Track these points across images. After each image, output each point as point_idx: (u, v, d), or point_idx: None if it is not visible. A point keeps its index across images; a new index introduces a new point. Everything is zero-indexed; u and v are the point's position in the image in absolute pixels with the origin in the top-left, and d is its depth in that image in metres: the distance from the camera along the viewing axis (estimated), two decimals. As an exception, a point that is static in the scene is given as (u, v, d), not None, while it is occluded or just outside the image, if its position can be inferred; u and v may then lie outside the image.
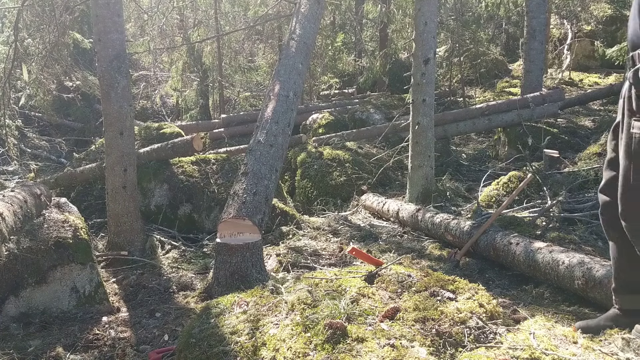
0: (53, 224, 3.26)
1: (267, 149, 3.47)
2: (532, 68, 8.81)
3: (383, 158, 7.16)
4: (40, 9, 7.16)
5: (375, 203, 5.66)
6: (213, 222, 5.03)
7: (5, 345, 2.64)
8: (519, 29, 13.35)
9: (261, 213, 3.17)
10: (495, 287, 3.44)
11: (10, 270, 2.94)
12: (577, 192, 4.99)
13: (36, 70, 7.38)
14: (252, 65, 14.47)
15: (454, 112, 8.27)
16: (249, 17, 11.88)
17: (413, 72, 5.52)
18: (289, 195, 6.27)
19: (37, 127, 11.10)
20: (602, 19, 13.36)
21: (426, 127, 5.47)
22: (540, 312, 2.75)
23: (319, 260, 3.99)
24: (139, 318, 3.11)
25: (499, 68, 12.91)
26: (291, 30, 4.32)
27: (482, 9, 12.49)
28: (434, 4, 5.36)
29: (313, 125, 9.05)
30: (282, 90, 3.78)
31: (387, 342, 1.76)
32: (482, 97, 11.40)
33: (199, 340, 2.03)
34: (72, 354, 2.61)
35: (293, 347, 1.82)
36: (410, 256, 4.06)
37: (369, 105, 9.59)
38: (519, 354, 1.68)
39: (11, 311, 2.96)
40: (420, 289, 2.16)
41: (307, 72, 8.41)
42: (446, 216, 4.48)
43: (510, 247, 3.54)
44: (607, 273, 2.75)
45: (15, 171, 8.67)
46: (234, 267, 3.02)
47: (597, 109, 9.49)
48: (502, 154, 7.72)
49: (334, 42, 12.03)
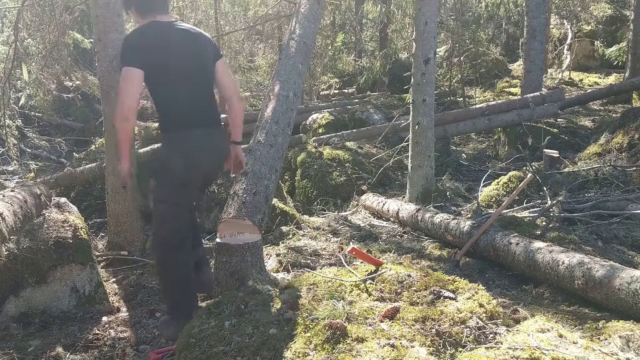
0: (53, 224, 3.26)
1: (267, 149, 3.47)
2: (532, 68, 8.82)
3: (383, 158, 7.16)
4: (40, 9, 7.16)
5: (375, 203, 5.66)
6: (213, 222, 5.03)
7: (5, 345, 2.64)
8: (519, 29, 13.36)
9: (261, 213, 3.17)
10: (495, 287, 3.44)
11: (10, 270, 2.94)
12: (577, 192, 4.99)
13: (36, 70, 7.38)
14: (252, 65, 14.46)
15: (454, 112, 8.27)
16: (249, 17, 11.88)
17: (413, 72, 5.52)
18: (289, 195, 6.27)
19: (37, 127, 11.09)
20: (602, 19, 13.37)
21: (426, 127, 5.47)
22: (540, 312, 2.75)
23: (319, 260, 3.99)
24: (139, 318, 3.11)
25: (499, 68, 12.92)
26: (291, 30, 4.32)
27: (482, 9, 12.50)
28: (434, 4, 5.36)
29: (313, 125, 9.05)
30: (282, 90, 3.78)
31: (387, 342, 1.76)
32: (482, 97, 11.40)
33: (199, 340, 2.03)
34: (72, 354, 2.62)
35: (293, 347, 1.82)
36: (410, 256, 4.06)
37: (369, 105, 9.58)
38: (519, 354, 1.68)
39: (11, 311, 2.96)
40: (420, 288, 2.16)
41: (307, 72, 8.41)
42: (446, 216, 4.48)
43: (510, 247, 3.54)
44: (607, 273, 2.75)
45: (15, 171, 8.67)
46: (233, 267, 3.02)
47: (597, 109, 9.49)
48: (502, 154, 7.72)
49: (334, 42, 12.03)
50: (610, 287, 2.68)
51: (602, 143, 6.01)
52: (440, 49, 12.15)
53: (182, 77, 2.72)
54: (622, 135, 5.80)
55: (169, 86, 2.72)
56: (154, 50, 2.64)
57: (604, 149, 5.92)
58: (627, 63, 9.69)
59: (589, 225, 4.12)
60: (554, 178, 5.31)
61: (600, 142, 6.07)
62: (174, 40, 2.69)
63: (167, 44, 2.67)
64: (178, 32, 2.72)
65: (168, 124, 2.80)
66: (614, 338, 2.03)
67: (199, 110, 2.78)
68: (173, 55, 2.67)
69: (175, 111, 2.75)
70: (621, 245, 3.79)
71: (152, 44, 2.64)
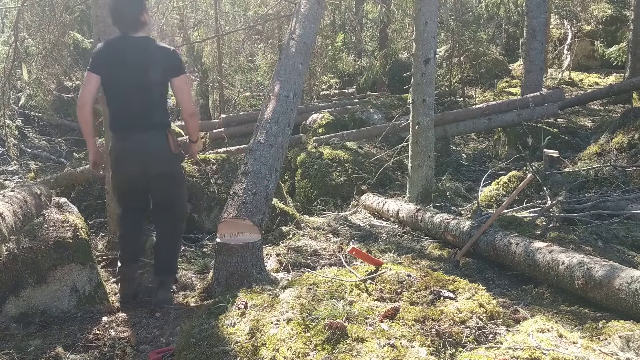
0: (53, 224, 3.26)
1: (267, 149, 3.47)
2: (532, 68, 8.82)
3: (383, 158, 7.16)
4: (40, 9, 7.16)
5: (375, 203, 5.66)
6: (213, 222, 5.03)
7: (5, 345, 2.64)
8: (519, 29, 13.36)
9: (261, 213, 3.17)
10: (495, 287, 3.44)
11: (10, 270, 2.94)
12: (577, 192, 5.00)
13: (36, 70, 7.38)
14: (252, 65, 14.47)
15: (454, 112, 8.27)
16: (249, 17, 11.88)
17: (413, 72, 5.52)
18: (289, 195, 6.27)
19: (37, 127, 11.10)
20: (602, 19, 13.38)
21: (426, 127, 5.47)
22: (540, 312, 2.75)
23: (319, 260, 3.99)
24: (139, 318, 3.10)
25: (499, 68, 12.92)
26: (291, 30, 4.32)
27: (482, 9, 12.50)
28: (434, 4, 5.36)
29: (313, 125, 9.05)
30: (282, 90, 3.78)
31: (387, 342, 1.76)
32: (482, 97, 11.40)
33: (199, 340, 2.03)
34: (72, 354, 2.61)
35: (293, 347, 1.82)
36: (410, 256, 4.06)
37: (369, 105, 9.58)
38: (519, 354, 1.68)
39: (11, 311, 2.96)
40: (420, 288, 2.16)
41: (307, 72, 8.40)
42: (446, 216, 4.48)
43: (510, 247, 3.54)
44: (607, 273, 2.75)
45: (15, 171, 8.67)
46: (233, 267, 3.02)
47: (597, 109, 9.50)
48: (502, 154, 7.73)
49: (334, 42, 12.03)
50: (610, 287, 2.68)
51: (602, 143, 6.01)
52: (440, 49, 12.15)
53: (123, 87, 3.15)
54: (622, 135, 5.80)
55: (112, 93, 3.20)
56: (107, 60, 3.14)
57: (604, 149, 5.92)
58: (627, 63, 9.70)
59: (589, 225, 4.12)
60: (554, 178, 5.31)
61: (600, 142, 6.07)
62: (124, 54, 3.13)
63: (118, 57, 3.13)
64: (132, 48, 3.14)
65: (109, 126, 3.32)
66: (614, 338, 2.03)
67: (135, 117, 3.18)
68: (120, 67, 3.12)
69: (114, 115, 3.25)
70: (621, 245, 3.79)
71: (108, 55, 3.15)
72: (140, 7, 3.18)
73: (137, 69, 3.11)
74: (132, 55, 3.12)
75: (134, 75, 3.12)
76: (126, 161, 3.22)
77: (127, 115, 3.19)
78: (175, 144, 3.28)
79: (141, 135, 3.17)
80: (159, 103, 3.25)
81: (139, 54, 3.13)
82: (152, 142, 3.19)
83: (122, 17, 3.16)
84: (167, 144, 3.23)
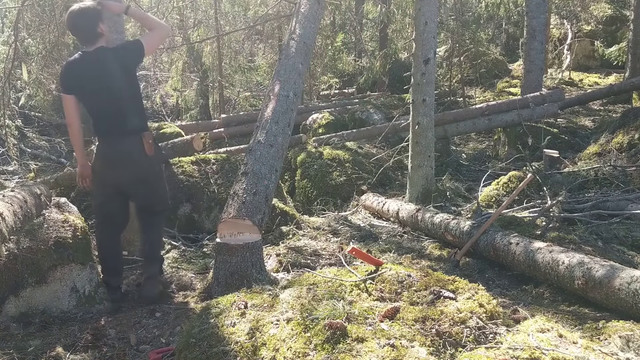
0: (53, 223, 3.26)
1: (267, 149, 3.47)
2: (532, 68, 8.82)
3: (383, 158, 7.16)
4: (40, 9, 7.16)
5: (375, 203, 5.65)
6: (213, 222, 5.03)
7: (5, 345, 2.64)
8: (519, 29, 13.36)
9: (261, 213, 3.17)
10: (495, 287, 3.44)
11: (10, 270, 2.94)
12: (577, 192, 5.00)
13: (36, 70, 7.38)
14: (252, 65, 14.46)
15: (454, 112, 8.27)
16: (249, 17, 11.89)
17: (413, 72, 5.52)
18: (289, 195, 6.27)
19: (37, 127, 11.10)
20: (602, 19, 13.38)
21: (426, 127, 5.47)
22: (540, 312, 2.75)
23: (319, 260, 3.99)
24: (139, 318, 3.10)
25: (499, 68, 12.92)
26: (291, 30, 4.32)
27: (482, 9, 12.50)
28: (434, 4, 5.36)
29: (313, 125, 9.05)
30: (282, 90, 3.78)
31: (387, 342, 1.76)
32: (482, 97, 11.40)
33: (198, 340, 2.03)
34: (72, 354, 2.61)
35: (293, 347, 1.82)
36: (410, 256, 4.06)
37: (369, 105, 9.58)
38: (519, 354, 1.68)
39: (11, 311, 2.96)
40: (420, 288, 2.16)
41: (307, 72, 8.41)
42: (446, 216, 4.48)
43: (510, 247, 3.54)
44: (607, 273, 2.75)
45: (15, 171, 8.67)
46: (233, 267, 3.02)
47: (597, 109, 9.50)
48: (502, 154, 7.73)
49: (334, 42, 12.03)
50: (610, 287, 2.68)
51: (602, 143, 6.01)
52: (440, 49, 12.16)
53: (95, 100, 3.29)
54: (622, 135, 5.80)
55: (87, 105, 3.34)
56: (72, 81, 3.28)
57: (604, 149, 5.92)
58: (627, 63, 9.70)
59: (589, 225, 4.12)
60: (554, 178, 5.31)
61: (600, 142, 6.07)
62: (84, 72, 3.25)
63: (80, 76, 3.26)
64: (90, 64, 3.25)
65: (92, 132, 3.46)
66: (614, 338, 2.03)
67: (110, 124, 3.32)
68: (86, 84, 3.25)
69: (93, 124, 3.39)
70: (621, 245, 3.79)
71: (71, 76, 3.28)
72: (96, 20, 3.24)
73: (100, 83, 3.23)
74: (91, 71, 3.24)
75: (100, 89, 3.25)
76: (106, 165, 3.37)
77: (104, 123, 3.35)
78: (150, 147, 3.36)
79: (117, 140, 3.31)
80: (133, 106, 3.36)
81: (97, 69, 3.24)
82: (128, 147, 3.31)
83: (78, 32, 3.28)
84: (142, 148, 3.33)
